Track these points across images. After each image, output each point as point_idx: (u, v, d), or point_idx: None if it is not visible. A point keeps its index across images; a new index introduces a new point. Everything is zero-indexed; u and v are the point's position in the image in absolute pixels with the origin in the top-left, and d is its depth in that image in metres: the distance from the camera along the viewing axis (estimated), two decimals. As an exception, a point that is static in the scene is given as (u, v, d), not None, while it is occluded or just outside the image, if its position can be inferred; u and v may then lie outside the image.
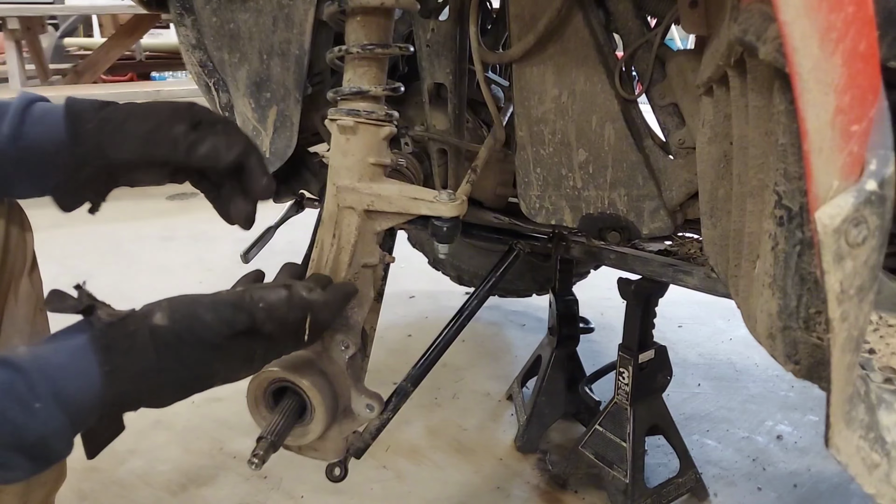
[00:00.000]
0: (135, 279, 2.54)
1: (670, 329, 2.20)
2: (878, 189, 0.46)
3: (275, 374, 0.89)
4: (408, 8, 0.91)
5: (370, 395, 0.94)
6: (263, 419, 0.93)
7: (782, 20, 0.43)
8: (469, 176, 1.08)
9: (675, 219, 1.10)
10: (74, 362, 0.61)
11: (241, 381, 0.88)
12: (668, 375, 1.41)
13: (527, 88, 1.07)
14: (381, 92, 0.91)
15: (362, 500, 1.43)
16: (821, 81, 0.44)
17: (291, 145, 1.14)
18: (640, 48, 1.03)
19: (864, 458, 0.52)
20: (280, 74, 1.09)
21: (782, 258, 0.56)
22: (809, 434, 1.68)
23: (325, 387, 0.90)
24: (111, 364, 0.61)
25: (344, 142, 0.92)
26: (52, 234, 3.01)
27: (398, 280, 2.50)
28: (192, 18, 1.11)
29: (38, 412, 0.57)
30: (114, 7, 4.47)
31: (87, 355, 0.61)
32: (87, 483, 1.45)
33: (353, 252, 0.93)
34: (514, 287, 2.09)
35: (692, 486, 1.43)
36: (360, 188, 0.92)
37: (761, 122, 0.61)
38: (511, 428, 1.68)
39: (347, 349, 0.92)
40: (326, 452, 0.98)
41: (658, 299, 1.35)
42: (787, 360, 0.61)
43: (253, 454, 0.83)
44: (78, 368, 0.60)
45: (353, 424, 0.96)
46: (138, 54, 5.59)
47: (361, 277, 0.96)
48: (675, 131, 1.05)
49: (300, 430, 0.91)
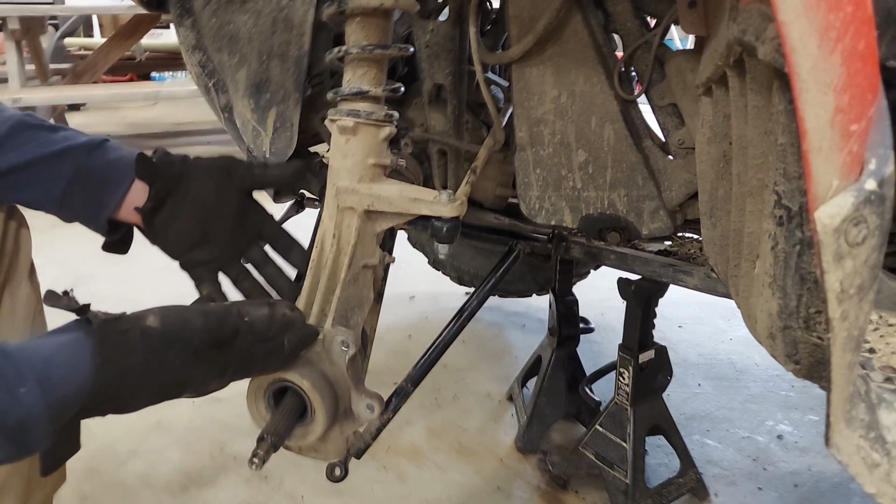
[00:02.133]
0: (135, 281, 2.54)
1: (670, 329, 2.20)
2: (877, 188, 0.46)
3: (275, 375, 0.89)
4: (407, 9, 0.91)
5: (371, 395, 0.94)
6: (263, 420, 0.93)
7: (781, 20, 0.43)
8: (469, 176, 1.08)
9: (675, 219, 1.10)
10: (65, 353, 0.62)
11: (242, 382, 0.90)
12: (668, 375, 1.41)
13: (526, 89, 1.07)
14: (381, 93, 0.91)
15: (363, 500, 1.43)
16: (820, 81, 0.44)
17: (291, 146, 1.14)
18: (640, 49, 1.03)
19: (865, 458, 0.52)
20: (280, 76, 1.09)
21: (782, 258, 0.56)
22: (810, 433, 1.68)
23: (326, 387, 0.90)
24: (103, 357, 0.63)
25: (344, 143, 0.92)
26: (53, 235, 3.01)
27: (398, 281, 2.50)
28: (192, 19, 1.11)
29: (23, 397, 0.58)
30: (114, 7, 4.48)
31: (80, 347, 0.63)
32: (88, 485, 1.44)
33: (353, 253, 0.93)
34: (514, 288, 2.09)
35: (693, 486, 1.43)
36: (360, 189, 0.92)
37: (760, 121, 0.61)
38: (512, 428, 1.68)
39: (348, 350, 0.92)
40: (327, 453, 0.98)
41: (658, 299, 1.35)
42: (787, 360, 0.61)
43: (253, 455, 0.83)
44: (68, 359, 0.62)
45: (354, 425, 0.96)
46: (138, 55, 5.60)
47: (361, 278, 0.96)
48: (674, 131, 1.05)
49: (301, 431, 0.92)
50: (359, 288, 0.96)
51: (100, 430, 1.62)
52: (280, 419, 0.88)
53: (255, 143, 1.15)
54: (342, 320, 0.95)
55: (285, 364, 0.82)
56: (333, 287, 0.94)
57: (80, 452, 0.68)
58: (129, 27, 4.22)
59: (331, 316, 0.93)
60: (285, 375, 0.88)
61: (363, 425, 0.97)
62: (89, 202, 0.86)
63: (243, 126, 1.16)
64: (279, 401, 0.91)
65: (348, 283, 0.95)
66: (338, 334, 0.92)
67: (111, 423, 1.64)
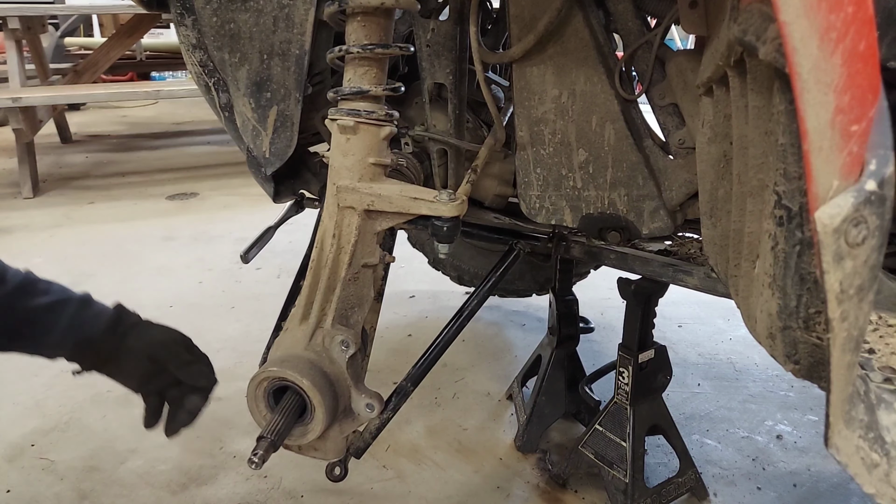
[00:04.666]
0: (135, 279, 2.54)
1: (670, 329, 2.20)
2: (877, 189, 0.46)
3: (275, 374, 0.89)
4: (408, 8, 0.91)
5: (370, 394, 0.94)
6: (263, 418, 0.93)
7: (782, 20, 0.43)
8: (469, 176, 1.08)
9: (675, 219, 1.10)
10: (100, 308, 1.04)
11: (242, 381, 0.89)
12: (667, 375, 1.41)
13: (527, 89, 1.07)
14: (382, 92, 0.91)
15: (363, 499, 1.43)
16: (820, 81, 0.44)
17: (292, 145, 1.14)
18: (640, 48, 1.03)
19: (864, 458, 0.53)
20: (280, 74, 1.09)
21: (782, 258, 0.56)
22: (809, 434, 1.68)
23: (326, 386, 0.90)
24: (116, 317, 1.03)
25: (344, 142, 0.92)
26: (53, 234, 3.02)
27: (399, 280, 2.50)
28: (193, 18, 1.11)
29: None
30: (114, 7, 4.48)
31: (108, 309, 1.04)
32: (88, 483, 1.45)
33: (353, 252, 0.93)
34: (514, 287, 2.09)
35: (692, 486, 1.43)
36: (360, 188, 0.92)
37: (761, 122, 0.61)
38: (511, 428, 1.68)
39: (348, 349, 0.92)
40: (327, 452, 0.98)
41: (658, 299, 1.35)
42: (786, 360, 0.61)
43: (253, 453, 0.83)
44: (100, 311, 1.03)
45: (354, 424, 0.96)
46: (138, 54, 5.60)
47: (361, 277, 0.97)
48: (675, 131, 1.05)
49: (300, 430, 0.92)
50: (359, 287, 0.96)
51: (99, 427, 1.62)
52: (280, 418, 0.88)
53: (254, 143, 1.15)
54: (342, 319, 0.95)
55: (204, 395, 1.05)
56: (334, 286, 0.94)
57: (79, 450, 0.68)
58: (130, 27, 4.22)
59: (331, 315, 0.93)
60: (286, 375, 0.88)
61: (363, 424, 0.98)
62: None
63: (243, 125, 1.16)
64: (279, 400, 0.91)
65: (348, 282, 0.95)
66: (338, 333, 0.92)
67: (111, 422, 1.65)
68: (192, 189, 3.73)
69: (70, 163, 4.31)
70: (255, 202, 3.40)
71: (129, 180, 3.94)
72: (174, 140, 5.05)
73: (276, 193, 1.26)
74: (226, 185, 3.79)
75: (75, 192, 3.68)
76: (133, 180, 3.94)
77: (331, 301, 0.94)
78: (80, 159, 4.40)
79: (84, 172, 4.09)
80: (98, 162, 4.33)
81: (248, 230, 2.92)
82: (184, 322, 2.17)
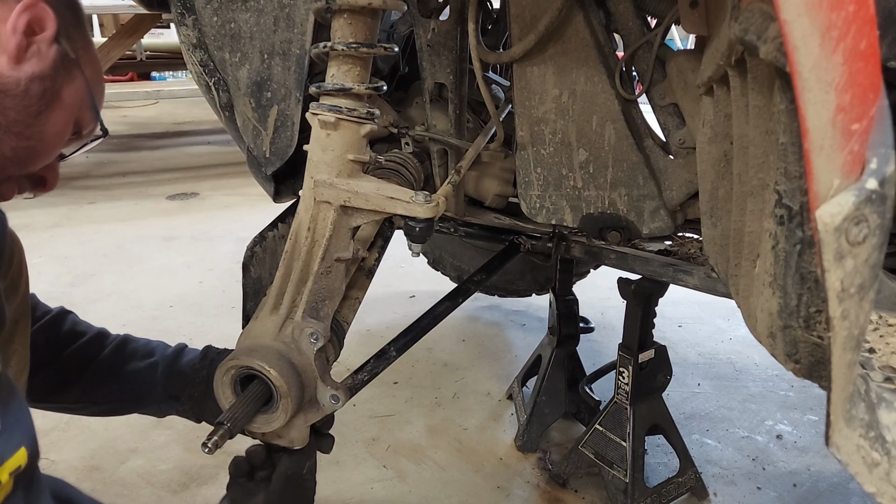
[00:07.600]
0: (136, 279, 2.54)
1: (670, 329, 2.20)
2: (878, 187, 0.46)
3: (242, 362, 0.90)
4: (394, 9, 0.92)
5: (336, 386, 0.96)
6: (228, 403, 0.94)
7: (783, 19, 0.43)
8: (452, 177, 1.08)
9: (676, 218, 1.10)
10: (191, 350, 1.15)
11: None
12: (667, 375, 1.41)
13: (527, 88, 1.07)
14: (364, 90, 0.91)
15: (363, 498, 1.43)
16: (821, 80, 0.44)
17: (292, 145, 1.14)
18: (641, 48, 1.03)
19: (865, 457, 0.53)
20: (281, 74, 1.09)
21: (783, 257, 0.56)
22: (809, 433, 1.68)
23: (293, 377, 0.92)
24: (204, 352, 1.15)
25: (324, 137, 0.92)
26: (54, 234, 3.02)
27: (399, 280, 2.50)
28: (194, 18, 1.11)
29: None
30: (114, 7, 4.47)
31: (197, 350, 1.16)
32: (89, 482, 1.45)
33: (327, 245, 0.94)
34: (514, 287, 2.09)
35: (692, 486, 1.43)
36: (337, 184, 0.93)
37: (762, 121, 0.61)
38: (511, 427, 1.68)
39: (317, 341, 0.93)
40: (291, 440, 0.99)
41: (658, 299, 1.35)
42: (787, 359, 0.61)
43: (207, 438, 0.84)
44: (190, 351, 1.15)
45: (318, 414, 0.98)
46: (139, 54, 5.59)
47: (334, 271, 0.97)
48: (675, 131, 1.05)
49: (265, 418, 0.93)
50: (331, 280, 0.97)
51: (100, 427, 1.62)
52: (241, 406, 0.89)
53: (255, 143, 1.15)
54: (313, 311, 0.96)
55: None
56: (306, 279, 0.95)
57: (80, 450, 0.68)
58: (130, 26, 4.22)
59: (301, 307, 0.94)
60: (253, 363, 0.89)
61: (327, 414, 0.99)
62: None
63: (244, 125, 1.16)
64: (246, 387, 0.92)
65: (321, 276, 0.95)
66: (308, 326, 0.93)
67: (111, 422, 1.65)
68: (192, 189, 3.73)
69: (70, 162, 4.30)
70: (255, 202, 3.40)
71: (129, 180, 3.94)
72: (174, 140, 5.05)
73: (276, 193, 1.26)
74: (226, 184, 3.79)
75: (76, 191, 3.68)
76: (133, 180, 3.94)
77: (302, 293, 0.94)
78: (80, 159, 4.40)
79: (84, 172, 4.09)
80: (98, 162, 4.33)
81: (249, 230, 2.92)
82: (184, 322, 2.19)
